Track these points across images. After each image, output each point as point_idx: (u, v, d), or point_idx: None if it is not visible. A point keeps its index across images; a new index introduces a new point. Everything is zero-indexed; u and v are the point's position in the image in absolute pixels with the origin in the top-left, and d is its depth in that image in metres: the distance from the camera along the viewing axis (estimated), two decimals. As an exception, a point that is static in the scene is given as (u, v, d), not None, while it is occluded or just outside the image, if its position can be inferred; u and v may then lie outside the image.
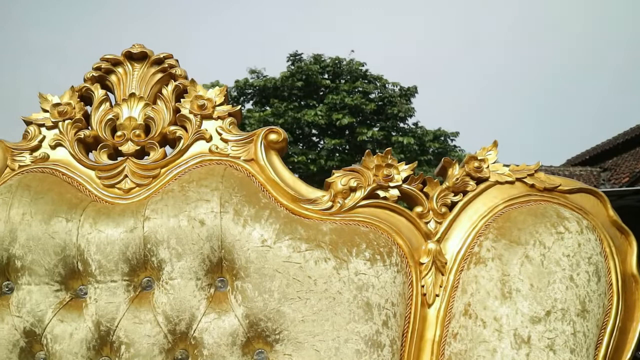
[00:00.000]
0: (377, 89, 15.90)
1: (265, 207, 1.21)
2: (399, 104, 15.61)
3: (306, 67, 15.66)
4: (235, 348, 1.13)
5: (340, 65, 16.14)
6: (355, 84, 15.60)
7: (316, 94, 15.70)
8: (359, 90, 15.53)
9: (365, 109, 15.06)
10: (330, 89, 15.60)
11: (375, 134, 14.79)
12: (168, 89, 1.35)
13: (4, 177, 1.27)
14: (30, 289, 1.16)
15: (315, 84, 15.57)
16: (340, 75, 16.17)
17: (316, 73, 15.66)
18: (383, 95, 15.74)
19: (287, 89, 15.30)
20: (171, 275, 1.16)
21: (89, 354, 1.14)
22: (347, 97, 15.09)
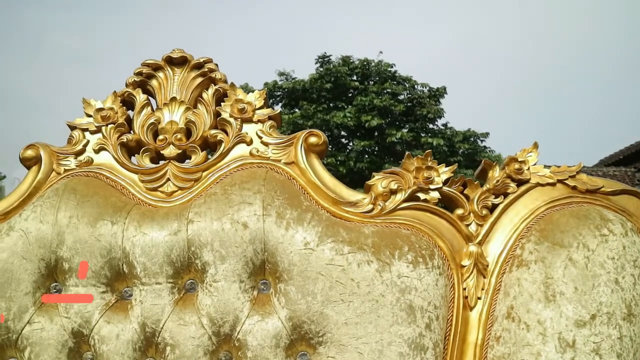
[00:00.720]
0: (406, 90, 15.86)
1: (307, 209, 1.21)
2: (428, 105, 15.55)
3: (335, 69, 15.67)
4: (279, 350, 1.14)
5: (369, 67, 16.13)
6: (384, 85, 15.58)
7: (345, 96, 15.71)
8: (388, 91, 15.50)
9: (394, 110, 15.02)
10: (359, 90, 15.59)
11: (405, 135, 14.75)
12: (208, 93, 1.36)
13: (50, 181, 1.30)
14: (77, 291, 1.18)
15: (344, 85, 15.58)
16: (369, 76, 16.16)
17: (345, 75, 15.67)
18: (412, 96, 15.69)
19: (316, 91, 15.32)
20: (215, 278, 1.17)
21: (135, 354, 1.15)
22: (376, 98, 15.07)
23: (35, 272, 1.19)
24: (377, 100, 14.99)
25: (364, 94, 15.32)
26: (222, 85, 1.37)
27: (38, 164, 1.31)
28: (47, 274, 1.20)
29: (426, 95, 15.78)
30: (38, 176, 1.30)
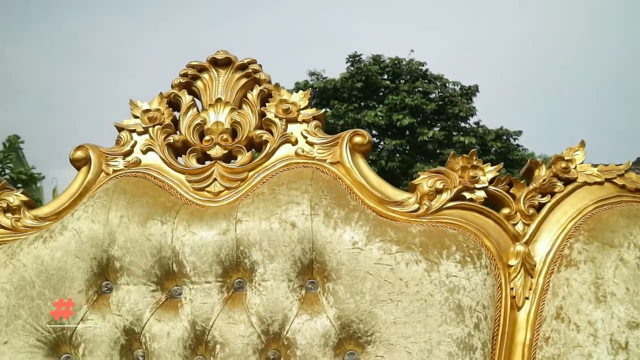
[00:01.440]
0: (437, 89, 15.74)
1: (355, 209, 1.22)
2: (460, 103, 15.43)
3: (365, 68, 15.62)
4: (328, 349, 1.14)
5: (400, 66, 16.05)
6: (415, 84, 15.49)
7: (376, 95, 15.65)
8: (419, 90, 15.41)
9: (426, 109, 14.93)
10: (390, 89, 15.52)
11: (436, 134, 14.65)
12: (253, 94, 1.37)
13: (99, 182, 1.32)
14: (129, 289, 1.20)
15: (374, 84, 15.53)
16: (400, 75, 16.08)
17: (376, 74, 15.61)
18: (443, 94, 15.58)
19: (347, 90, 15.30)
20: (264, 277, 1.18)
21: (185, 352, 1.17)
22: (407, 97, 14.99)
23: (88, 271, 1.21)
24: (408, 99, 14.90)
25: (395, 93, 15.24)
26: (266, 86, 1.38)
27: (87, 164, 1.34)
28: (99, 273, 1.22)
29: (458, 94, 15.65)
30: (88, 177, 1.33)
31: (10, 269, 1.21)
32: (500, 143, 14.96)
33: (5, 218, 1.31)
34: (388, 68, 16.04)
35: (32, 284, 1.20)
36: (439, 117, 15.49)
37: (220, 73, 1.40)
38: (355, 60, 16.22)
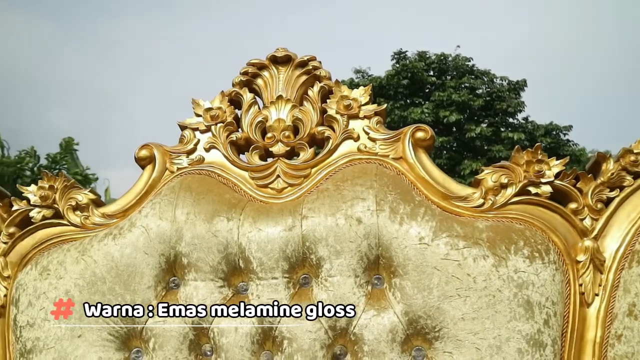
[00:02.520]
0: (484, 84, 15.53)
1: (420, 204, 1.21)
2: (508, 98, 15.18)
3: (411, 64, 15.51)
4: (395, 345, 1.14)
5: (446, 62, 15.89)
6: (462, 80, 15.32)
7: (422, 92, 15.54)
8: (466, 86, 15.23)
9: (473, 105, 14.75)
10: (436, 85, 15.39)
11: (484, 130, 14.46)
12: (314, 90, 1.37)
13: (164, 179, 1.34)
14: (196, 285, 1.21)
15: (420, 81, 15.41)
16: (446, 71, 15.92)
17: (421, 70, 15.48)
18: (491, 90, 15.36)
19: (393, 88, 15.22)
20: (330, 273, 1.18)
21: (253, 347, 1.18)
22: (454, 93, 14.83)
23: (156, 267, 1.23)
24: (455, 95, 14.74)
25: (442, 89, 15.09)
26: (327, 83, 1.38)
27: (152, 163, 1.36)
28: (167, 269, 1.24)
29: (505, 89, 15.40)
30: (153, 175, 1.35)
31: (82, 265, 1.24)
32: (550, 138, 14.68)
33: (75, 216, 1.35)
34: (434, 64, 15.90)
35: (103, 280, 1.23)
36: (487, 113, 15.27)
37: (280, 70, 1.41)
38: (400, 57, 16.12)
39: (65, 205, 1.35)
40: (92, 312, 1.21)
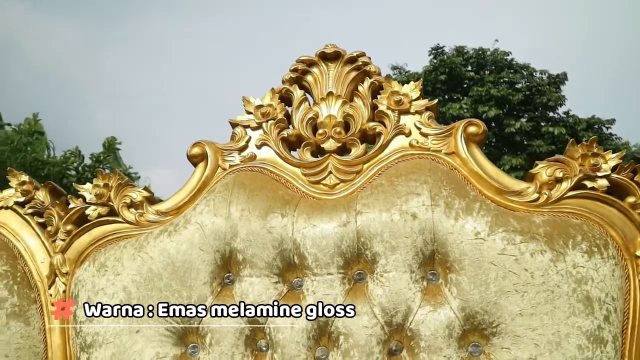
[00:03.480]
0: (523, 79, 15.32)
1: (475, 199, 1.20)
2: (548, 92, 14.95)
3: (449, 59, 15.37)
4: (452, 341, 1.14)
5: (484, 56, 15.71)
6: (501, 74, 15.13)
7: (460, 87, 15.39)
8: (505, 80, 15.04)
9: (512, 100, 14.56)
10: (474, 80, 15.22)
11: (524, 125, 14.26)
12: (364, 86, 1.37)
13: (217, 176, 1.36)
14: (252, 281, 1.22)
15: (458, 76, 15.26)
16: (485, 66, 15.74)
17: (459, 65, 15.34)
18: (530, 84, 15.14)
19: (431, 84, 15.10)
20: (386, 268, 1.18)
21: (309, 343, 1.18)
22: (493, 88, 14.66)
23: (212, 263, 1.24)
24: (493, 90, 14.57)
25: (480, 84, 14.93)
26: (377, 78, 1.38)
27: (204, 160, 1.37)
28: (222, 265, 1.25)
29: (545, 83, 15.17)
30: (206, 172, 1.36)
31: (139, 262, 1.26)
32: (592, 133, 14.42)
33: (129, 213, 1.37)
34: (472, 59, 15.73)
35: (159, 276, 1.24)
36: (526, 107, 15.06)
37: (330, 67, 1.41)
38: (438, 52, 16.00)
39: (120, 203, 1.37)
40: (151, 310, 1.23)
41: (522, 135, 14.34)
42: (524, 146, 14.25)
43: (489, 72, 15.48)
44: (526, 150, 13.91)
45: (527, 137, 14.23)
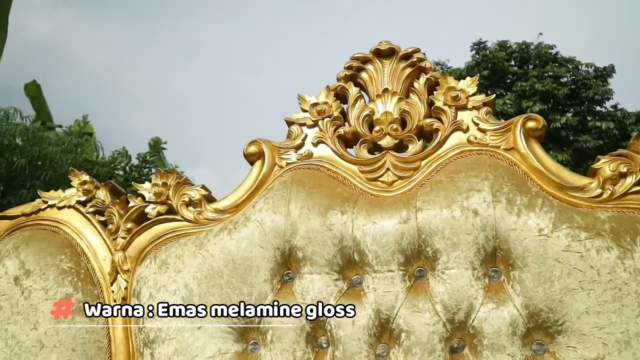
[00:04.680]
0: (569, 72, 15.03)
1: (537, 195, 1.19)
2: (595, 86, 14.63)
3: (491, 54, 15.18)
4: (516, 338, 1.12)
5: (528, 50, 15.46)
6: (545, 69, 14.86)
7: (503, 82, 15.18)
8: (549, 74, 14.77)
9: (557, 94, 14.29)
10: (518, 75, 15.00)
11: (570, 119, 13.99)
12: (420, 82, 1.37)
13: (274, 174, 1.36)
14: (312, 278, 1.23)
15: (502, 71, 15.06)
16: (528, 60, 15.49)
17: (502, 60, 15.12)
18: (576, 78, 14.84)
19: (473, 79, 14.93)
20: (447, 265, 1.17)
21: (370, 340, 1.18)
22: (537, 83, 14.42)
23: (272, 260, 1.25)
24: (538, 84, 14.32)
25: (524, 79, 14.70)
26: (432, 74, 1.37)
27: (261, 158, 1.38)
28: (282, 262, 1.26)
29: (592, 76, 14.85)
30: (263, 170, 1.37)
31: (199, 259, 1.28)
32: (642, 127, 14.06)
33: (188, 211, 1.38)
34: (515, 54, 15.49)
35: (220, 273, 1.26)
36: (572, 101, 14.77)
37: (385, 64, 1.41)
38: (480, 47, 15.81)
39: (178, 201, 1.39)
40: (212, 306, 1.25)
41: (567, 131, 14.07)
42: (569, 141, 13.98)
43: (533, 67, 15.24)
44: (572, 145, 13.66)
45: (573, 132, 13.97)
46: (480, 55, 15.42)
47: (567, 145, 13.88)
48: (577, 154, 13.13)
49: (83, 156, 5.65)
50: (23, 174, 4.61)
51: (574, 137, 13.92)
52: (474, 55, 15.73)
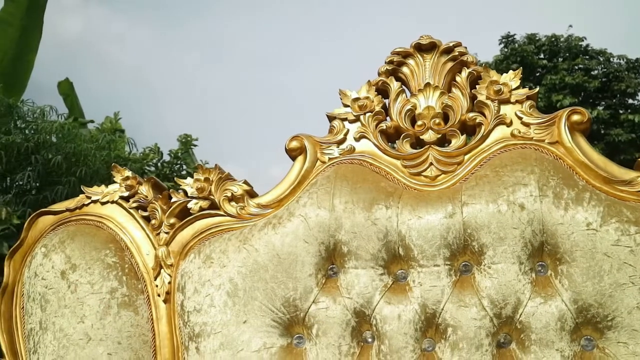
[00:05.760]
0: (600, 65, 14.80)
1: (584, 189, 1.18)
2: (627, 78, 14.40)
3: (520, 48, 15.01)
4: (564, 334, 1.12)
5: (558, 43, 15.25)
6: (575, 61, 14.66)
7: (532, 76, 15.00)
8: (580, 67, 14.57)
9: (588, 87, 14.10)
10: (547, 69, 14.81)
11: (601, 113, 13.79)
12: (462, 76, 1.36)
13: (316, 169, 1.37)
14: (357, 273, 1.23)
15: (531, 65, 14.88)
16: (558, 53, 15.28)
17: (531, 54, 14.94)
18: (607, 70, 14.61)
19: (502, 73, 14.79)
20: (493, 260, 1.17)
21: (416, 334, 1.18)
22: (567, 76, 14.22)
23: (317, 255, 1.26)
24: (568, 77, 14.13)
25: (553, 72, 14.51)
26: (475, 68, 1.36)
27: (303, 154, 1.39)
28: (326, 257, 1.26)
29: (624, 68, 14.61)
30: (305, 165, 1.37)
31: (244, 254, 1.29)
32: (676, 119, 13.81)
33: (231, 206, 1.40)
34: (544, 46, 15.30)
35: (265, 268, 1.27)
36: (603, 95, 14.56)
37: (426, 58, 1.40)
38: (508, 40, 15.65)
39: (221, 196, 1.40)
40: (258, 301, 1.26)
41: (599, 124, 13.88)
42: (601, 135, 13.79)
43: (563, 60, 15.04)
44: (604, 139, 13.47)
45: (605, 125, 13.77)
46: (509, 49, 15.26)
47: (599, 139, 13.68)
48: (609, 147, 12.95)
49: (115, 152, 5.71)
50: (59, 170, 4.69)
51: (606, 131, 13.72)
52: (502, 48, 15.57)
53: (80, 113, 8.02)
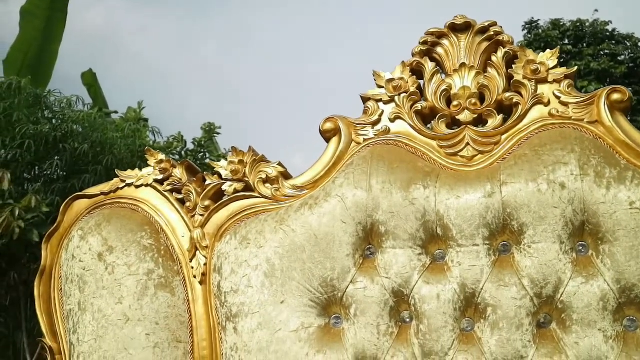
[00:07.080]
0: (627, 50, 14.58)
1: (627, 168, 1.17)
2: (655, 63, 14.18)
3: (544, 33, 14.84)
4: (607, 314, 1.11)
5: (583, 28, 15.05)
6: (601, 47, 14.45)
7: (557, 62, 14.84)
8: (606, 52, 14.36)
9: (614, 73, 13.90)
10: (572, 54, 14.61)
11: (628, 99, 13.60)
12: (498, 56, 1.35)
13: (351, 150, 1.36)
14: (395, 253, 1.23)
15: (555, 51, 14.72)
16: (583, 38, 15.07)
17: (556, 39, 14.75)
18: (635, 55, 14.39)
19: (533, 55, 14.61)
20: (534, 239, 1.16)
21: (455, 314, 1.18)
22: (593, 61, 14.03)
23: (354, 235, 1.26)
24: (593, 63, 13.94)
25: (579, 58, 14.31)
26: (511, 48, 1.35)
27: (337, 135, 1.38)
28: (363, 237, 1.26)
29: (652, 52, 14.38)
30: (340, 146, 1.37)
31: (281, 234, 1.29)
32: None
33: (265, 188, 1.40)
34: (569, 32, 15.10)
35: (302, 248, 1.27)
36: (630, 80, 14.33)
37: (460, 38, 1.39)
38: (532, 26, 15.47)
39: (255, 178, 1.41)
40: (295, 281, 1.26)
41: (626, 110, 13.70)
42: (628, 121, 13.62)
43: (588, 45, 14.83)
44: (631, 125, 13.30)
45: (632, 112, 13.59)
46: (533, 35, 15.09)
47: (624, 126, 13.51)
48: (636, 134, 12.77)
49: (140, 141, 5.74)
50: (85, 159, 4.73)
51: (632, 117, 13.54)
52: (526, 34, 15.40)
53: (104, 103, 8.07)
